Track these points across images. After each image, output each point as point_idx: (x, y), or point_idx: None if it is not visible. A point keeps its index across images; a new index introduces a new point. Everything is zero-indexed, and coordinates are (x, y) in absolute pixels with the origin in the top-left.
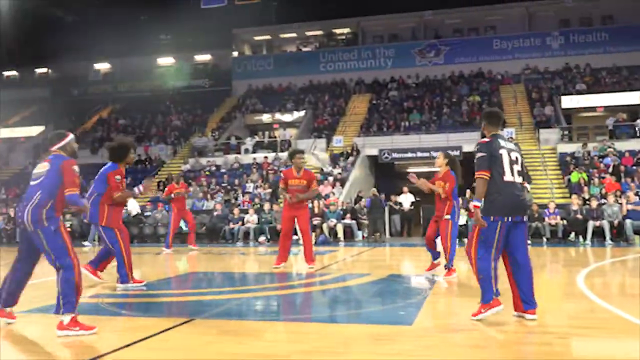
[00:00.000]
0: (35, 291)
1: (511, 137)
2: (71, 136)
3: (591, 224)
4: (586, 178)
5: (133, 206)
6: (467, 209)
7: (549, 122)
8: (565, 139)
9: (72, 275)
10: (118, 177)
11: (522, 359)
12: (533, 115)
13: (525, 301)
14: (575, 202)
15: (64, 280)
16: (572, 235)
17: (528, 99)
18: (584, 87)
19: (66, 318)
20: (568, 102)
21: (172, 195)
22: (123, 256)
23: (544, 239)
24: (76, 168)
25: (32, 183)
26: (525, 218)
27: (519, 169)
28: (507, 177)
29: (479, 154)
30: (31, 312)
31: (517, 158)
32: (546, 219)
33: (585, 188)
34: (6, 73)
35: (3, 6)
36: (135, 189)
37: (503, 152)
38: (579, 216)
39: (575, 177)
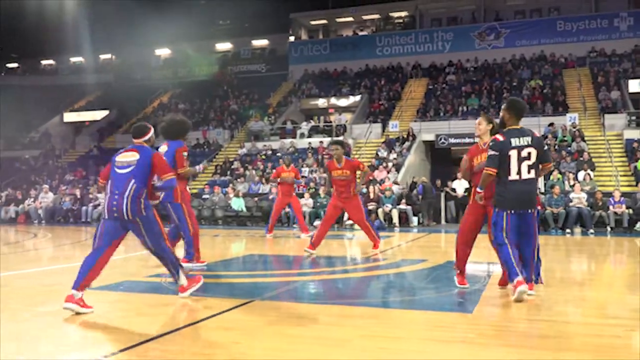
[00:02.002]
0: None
1: (574, 123)
2: (152, 130)
3: None
4: None
5: None
6: None
7: (615, 107)
8: (632, 125)
9: (172, 255)
10: (185, 153)
11: (588, 351)
12: (598, 99)
13: (524, 278)
14: None
15: (169, 263)
16: (639, 224)
17: (593, 83)
18: None
19: (184, 282)
20: (636, 86)
21: (279, 178)
22: (191, 233)
23: (608, 228)
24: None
25: (121, 171)
26: (532, 210)
27: (530, 163)
28: (513, 176)
29: (491, 152)
30: (97, 289)
31: (529, 154)
32: (611, 207)
33: None
34: (72, 59)
35: None
36: (197, 167)
37: (513, 152)
38: None
39: None
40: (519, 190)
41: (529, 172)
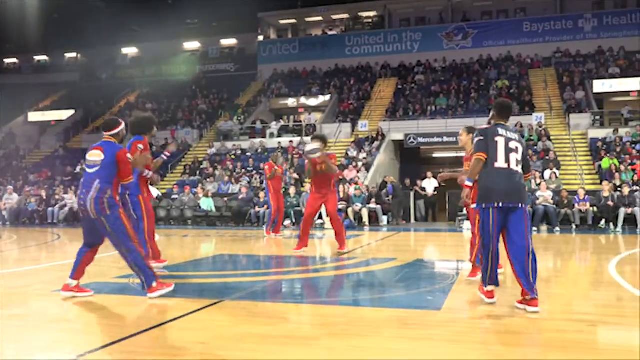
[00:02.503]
0: (66, 272)
1: (540, 122)
2: (123, 125)
3: (622, 211)
4: (617, 164)
5: (154, 191)
6: None
7: (580, 106)
8: (596, 124)
9: (138, 255)
10: (141, 145)
11: (554, 347)
12: (563, 99)
13: (527, 290)
14: (606, 189)
15: (134, 264)
16: (603, 222)
17: (558, 83)
18: (617, 70)
19: (154, 283)
20: (600, 86)
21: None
22: (145, 233)
23: (573, 226)
24: (129, 155)
25: (88, 170)
26: (522, 205)
27: (518, 157)
28: (499, 163)
29: (476, 138)
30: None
31: (516, 147)
32: (576, 205)
33: (617, 174)
34: (37, 57)
35: None
36: (161, 156)
37: (500, 139)
38: (610, 203)
39: (606, 163)
40: (507, 180)
41: (517, 165)
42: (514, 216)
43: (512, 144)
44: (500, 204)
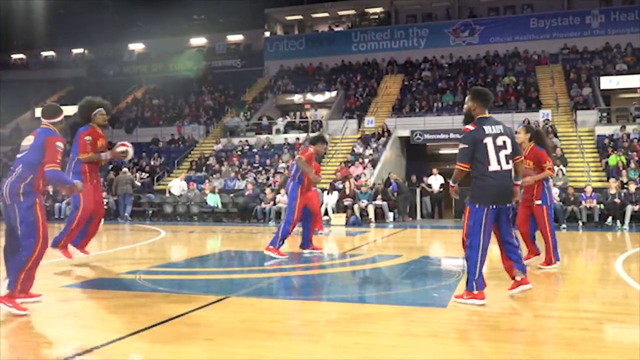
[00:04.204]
0: (71, 266)
1: (547, 119)
2: (63, 115)
3: (629, 208)
4: (625, 161)
5: (176, 186)
6: None
7: (587, 103)
8: (603, 121)
9: (28, 256)
10: (88, 137)
11: (560, 344)
12: (570, 96)
13: (523, 271)
14: (613, 186)
15: (19, 259)
16: (610, 219)
17: (565, 80)
18: (624, 67)
19: (4, 292)
20: (607, 83)
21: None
22: (72, 225)
23: (580, 223)
24: (60, 145)
25: (17, 156)
26: (510, 204)
27: (507, 153)
28: (493, 166)
29: (461, 145)
30: (71, 287)
31: (504, 142)
32: (582, 202)
33: (624, 171)
34: (44, 53)
35: None
36: (102, 154)
37: (488, 140)
38: (617, 200)
39: (613, 160)
40: (502, 182)
41: (507, 162)
42: (504, 215)
43: (499, 140)
44: (494, 206)
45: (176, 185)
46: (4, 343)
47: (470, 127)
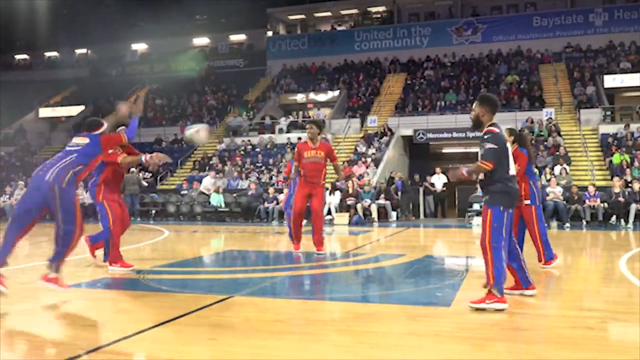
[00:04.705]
0: (76, 267)
1: (551, 118)
2: (105, 126)
3: (633, 207)
4: (629, 160)
5: (207, 183)
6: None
7: (591, 102)
8: (607, 120)
9: (68, 243)
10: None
11: (564, 343)
12: (574, 95)
13: (524, 280)
14: (617, 185)
15: (65, 243)
16: (613, 218)
17: (569, 78)
18: (628, 65)
19: (53, 274)
20: (611, 81)
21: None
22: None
23: (584, 222)
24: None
25: (69, 148)
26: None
27: (512, 158)
28: (512, 171)
29: (489, 145)
30: (74, 286)
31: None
32: (586, 201)
33: (628, 170)
34: (47, 54)
35: None
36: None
37: (508, 145)
38: (621, 199)
39: (617, 158)
40: (516, 187)
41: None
42: (512, 217)
43: (509, 147)
44: (512, 210)
45: (207, 182)
46: (5, 343)
47: (496, 129)
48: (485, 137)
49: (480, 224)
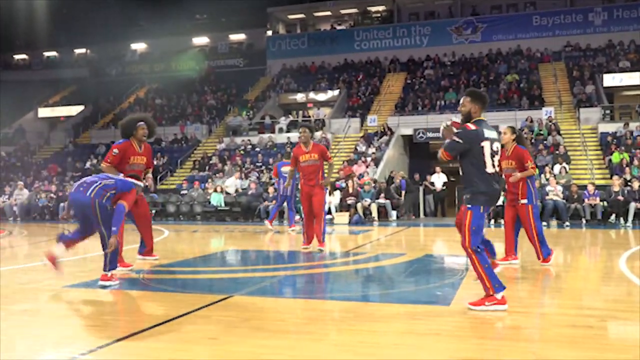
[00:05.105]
0: (77, 267)
1: (550, 117)
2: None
3: (633, 206)
4: (628, 158)
5: (232, 185)
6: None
7: (590, 101)
8: (606, 119)
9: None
10: (116, 150)
11: (563, 342)
12: (573, 94)
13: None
14: (616, 183)
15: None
16: (613, 217)
17: (568, 77)
18: (627, 64)
19: (109, 274)
20: (610, 80)
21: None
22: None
23: (583, 221)
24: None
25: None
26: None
27: (499, 158)
28: (489, 169)
29: (456, 138)
30: (74, 286)
31: (497, 148)
32: (585, 200)
33: (627, 169)
34: (46, 54)
35: None
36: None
37: (486, 144)
38: (620, 197)
39: (616, 157)
40: (496, 186)
41: (498, 166)
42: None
43: (495, 146)
44: (489, 208)
45: (232, 184)
46: (4, 342)
47: (472, 126)
48: (458, 131)
49: (464, 226)
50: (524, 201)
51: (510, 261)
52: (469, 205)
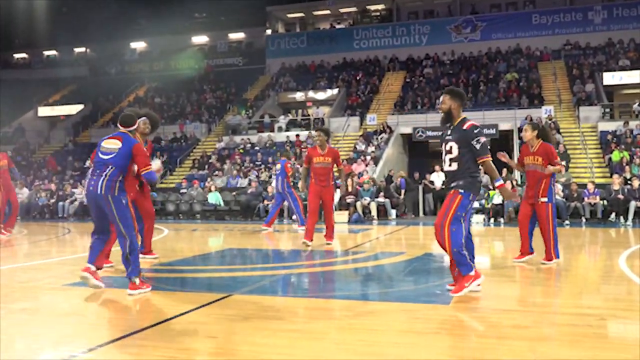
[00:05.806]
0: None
1: (550, 115)
2: (139, 121)
3: (633, 204)
4: (628, 157)
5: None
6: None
7: (590, 99)
8: (606, 117)
9: (135, 245)
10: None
11: (563, 341)
12: (573, 92)
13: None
14: (616, 182)
15: (132, 249)
16: (613, 215)
17: (568, 76)
18: (627, 63)
19: (137, 280)
20: (610, 78)
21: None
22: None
23: (583, 220)
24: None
25: (102, 157)
26: None
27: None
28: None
29: (483, 139)
30: (74, 285)
31: None
32: (585, 199)
33: (627, 167)
34: (46, 52)
35: None
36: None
37: None
38: (620, 196)
39: (616, 156)
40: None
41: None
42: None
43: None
44: (475, 198)
45: (225, 181)
46: (4, 341)
47: (474, 122)
48: (475, 131)
49: (449, 208)
50: (544, 199)
51: (525, 259)
52: (461, 190)
